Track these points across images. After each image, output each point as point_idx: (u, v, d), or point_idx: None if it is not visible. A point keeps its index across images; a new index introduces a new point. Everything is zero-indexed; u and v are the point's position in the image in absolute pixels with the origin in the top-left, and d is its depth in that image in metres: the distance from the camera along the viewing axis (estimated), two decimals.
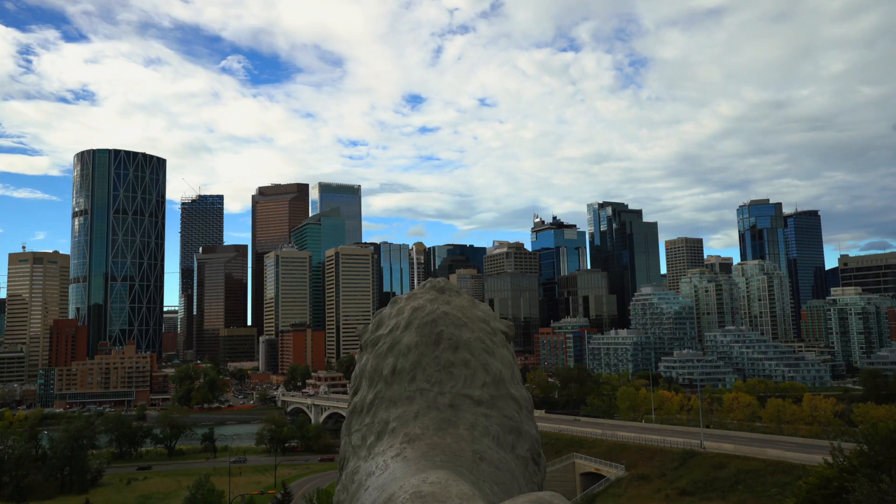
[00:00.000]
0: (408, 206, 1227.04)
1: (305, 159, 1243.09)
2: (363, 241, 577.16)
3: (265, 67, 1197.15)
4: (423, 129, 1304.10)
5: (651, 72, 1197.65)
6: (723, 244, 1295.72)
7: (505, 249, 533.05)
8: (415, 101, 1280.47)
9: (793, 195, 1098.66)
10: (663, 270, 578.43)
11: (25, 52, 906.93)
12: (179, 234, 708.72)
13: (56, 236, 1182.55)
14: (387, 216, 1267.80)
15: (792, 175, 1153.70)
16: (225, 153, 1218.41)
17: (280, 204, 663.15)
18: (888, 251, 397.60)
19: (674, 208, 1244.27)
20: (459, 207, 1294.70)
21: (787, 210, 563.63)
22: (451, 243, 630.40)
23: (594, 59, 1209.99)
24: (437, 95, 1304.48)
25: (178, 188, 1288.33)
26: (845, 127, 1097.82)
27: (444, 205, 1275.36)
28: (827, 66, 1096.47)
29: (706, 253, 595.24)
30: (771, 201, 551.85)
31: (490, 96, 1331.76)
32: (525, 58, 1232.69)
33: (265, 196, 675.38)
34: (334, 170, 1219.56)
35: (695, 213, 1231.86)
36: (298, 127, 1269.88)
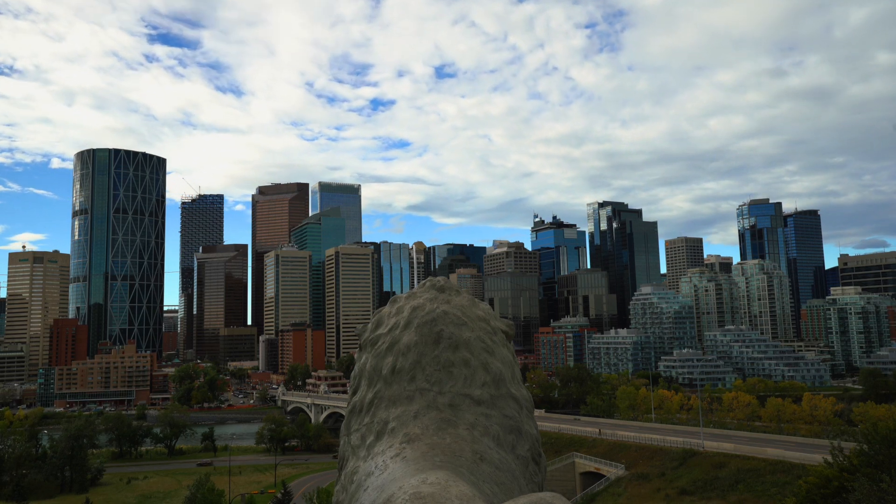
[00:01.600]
0: (375, 197, 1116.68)
1: (255, 143, 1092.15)
2: (363, 240, 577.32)
3: (163, 20, 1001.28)
4: (376, 104, 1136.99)
5: (629, 30, 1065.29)
6: (720, 239, 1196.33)
7: (505, 249, 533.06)
8: (360, 70, 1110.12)
9: (795, 184, 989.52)
10: (663, 270, 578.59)
11: None
12: (179, 234, 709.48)
13: (15, 230, 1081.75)
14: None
15: (794, 160, 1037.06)
16: (151, 135, 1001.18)
17: (280, 203, 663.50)
18: (888, 250, 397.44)
19: (667, 198, 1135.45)
20: (434, 199, 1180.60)
21: (787, 209, 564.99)
22: (451, 243, 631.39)
23: (562, 11, 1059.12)
24: (384, 61, 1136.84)
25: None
26: (855, 102, 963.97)
27: (417, 196, 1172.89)
28: (841, 20, 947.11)
29: (706, 251, 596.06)
30: (771, 200, 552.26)
31: (448, 63, 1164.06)
32: (480, 10, 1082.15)
33: (265, 195, 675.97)
34: (284, 150, 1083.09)
35: (689, 204, 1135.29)
36: (226, 101, 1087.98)
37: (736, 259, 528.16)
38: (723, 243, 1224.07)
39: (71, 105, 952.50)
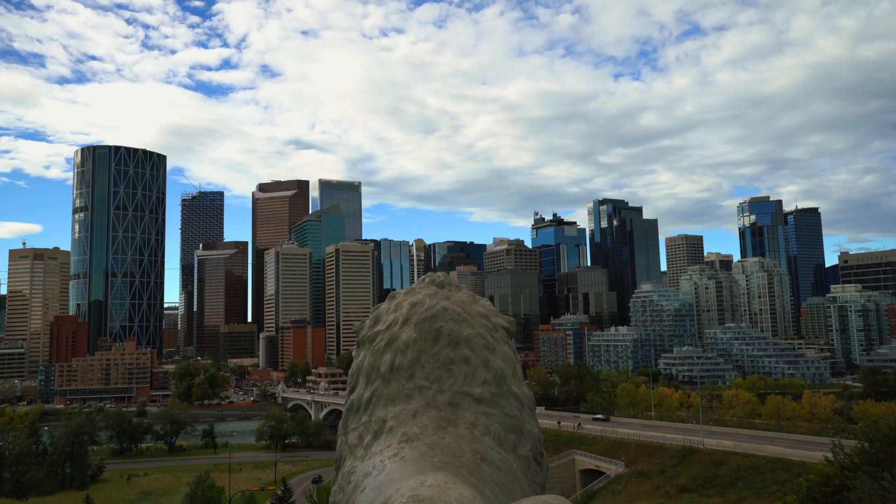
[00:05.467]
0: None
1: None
2: (363, 237, 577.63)
3: None
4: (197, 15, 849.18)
5: None
6: (714, 225, 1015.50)
7: (505, 246, 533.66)
8: None
9: (799, 148, 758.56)
10: (663, 267, 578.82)
11: None
12: (180, 231, 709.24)
13: None
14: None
15: (805, 108, 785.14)
16: None
17: (280, 201, 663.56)
18: (888, 248, 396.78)
19: (648, 171, 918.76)
20: (354, 171, 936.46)
21: (787, 207, 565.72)
22: (451, 240, 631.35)
23: None
24: None
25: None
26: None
27: (330, 168, 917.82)
28: None
29: (705, 249, 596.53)
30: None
31: None
32: None
33: (265, 193, 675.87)
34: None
35: (673, 177, 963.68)
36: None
37: (736, 257, 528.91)
38: (720, 227, 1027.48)
39: None
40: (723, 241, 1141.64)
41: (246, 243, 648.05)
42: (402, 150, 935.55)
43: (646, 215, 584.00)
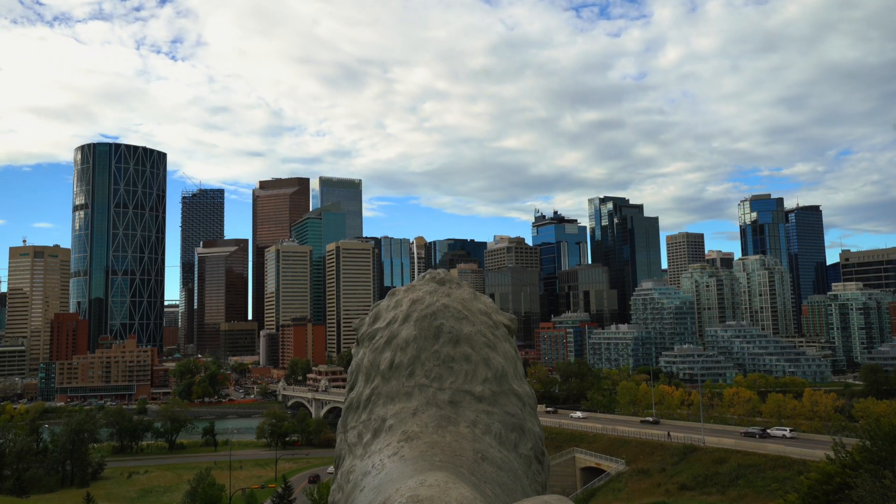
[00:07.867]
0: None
1: None
2: (364, 235, 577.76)
3: None
4: None
5: None
6: (702, 215, 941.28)
7: (506, 244, 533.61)
8: None
9: (806, 111, 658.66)
10: (664, 265, 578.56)
11: None
12: (180, 229, 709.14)
13: None
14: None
15: (827, 66, 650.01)
16: None
17: (281, 198, 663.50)
18: (889, 246, 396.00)
19: (633, 153, 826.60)
20: (270, 138, 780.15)
21: (788, 205, 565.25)
22: (451, 238, 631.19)
23: None
24: None
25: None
26: None
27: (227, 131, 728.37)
28: None
29: (706, 247, 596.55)
30: (773, 191, 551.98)
31: None
32: None
33: (266, 190, 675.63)
34: None
35: (659, 153, 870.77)
36: None
37: (737, 254, 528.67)
38: (716, 219, 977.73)
39: None
40: (721, 234, 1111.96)
41: (246, 241, 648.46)
42: (333, 115, 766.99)
43: (637, 206, 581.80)
